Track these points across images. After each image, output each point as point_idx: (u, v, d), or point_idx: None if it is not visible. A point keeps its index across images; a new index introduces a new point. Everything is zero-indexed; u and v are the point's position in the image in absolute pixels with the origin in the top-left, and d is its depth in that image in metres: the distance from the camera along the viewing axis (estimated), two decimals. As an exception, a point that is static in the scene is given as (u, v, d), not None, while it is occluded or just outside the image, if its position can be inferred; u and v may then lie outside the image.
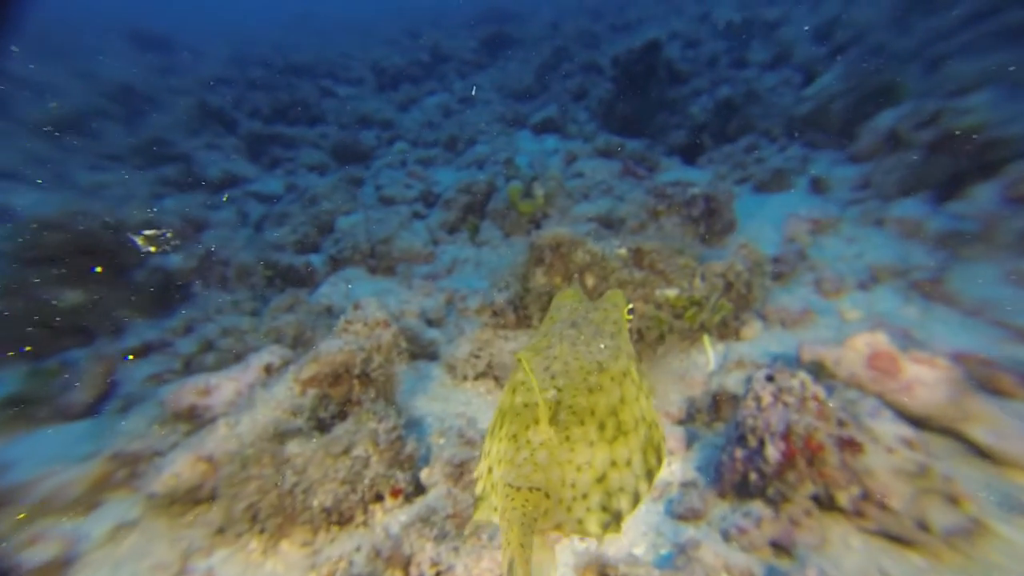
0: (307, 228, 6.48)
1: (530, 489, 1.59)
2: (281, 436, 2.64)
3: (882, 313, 4.38)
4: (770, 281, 5.03)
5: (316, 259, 6.15)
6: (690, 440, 3.73)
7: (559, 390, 1.80)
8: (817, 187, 6.53)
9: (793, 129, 8.19)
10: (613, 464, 1.79)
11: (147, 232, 5.22)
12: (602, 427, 1.80)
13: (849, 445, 3.00)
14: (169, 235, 5.29)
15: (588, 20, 20.71)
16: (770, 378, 3.21)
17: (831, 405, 3.11)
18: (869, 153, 6.25)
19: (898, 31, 8.50)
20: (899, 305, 4.43)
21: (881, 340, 3.49)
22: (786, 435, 3.03)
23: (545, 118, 11.78)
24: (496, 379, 4.24)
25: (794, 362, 3.83)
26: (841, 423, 3.08)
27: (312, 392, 3.09)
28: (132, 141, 10.31)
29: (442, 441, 3.45)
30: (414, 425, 3.70)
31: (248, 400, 2.80)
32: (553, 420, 1.72)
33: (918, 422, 3.36)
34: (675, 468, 3.52)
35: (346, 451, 2.80)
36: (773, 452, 3.04)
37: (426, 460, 3.26)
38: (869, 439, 3.01)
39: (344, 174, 9.25)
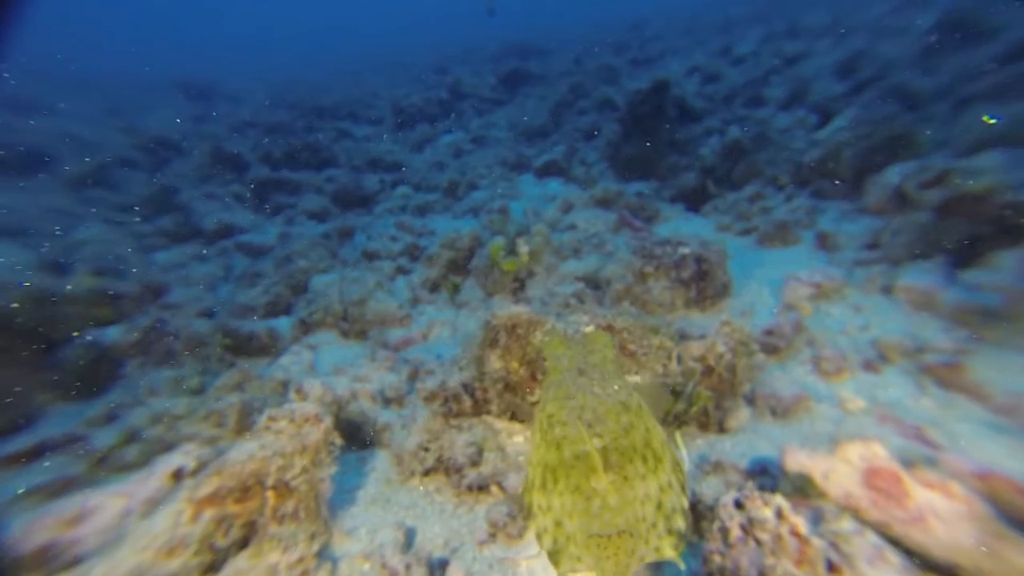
0: (280, 288, 6.28)
1: (619, 534, 1.71)
2: (143, 588, 2.26)
3: (891, 403, 3.80)
4: (764, 356, 4.51)
5: (285, 323, 5.91)
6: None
7: (600, 436, 1.92)
8: (824, 243, 5.98)
9: (801, 177, 7.64)
10: (662, 489, 1.92)
11: None
12: (644, 459, 1.94)
13: (840, 602, 2.44)
14: None
15: (610, 54, 20.58)
16: (739, 504, 2.70)
17: (816, 543, 2.56)
18: (878, 209, 5.70)
19: (922, 69, 7.93)
20: (911, 393, 3.84)
21: (879, 454, 2.93)
22: (757, 584, 2.51)
23: (548, 161, 11.49)
24: (447, 474, 3.83)
25: (779, 470, 3.29)
26: (832, 567, 2.53)
27: (208, 515, 2.73)
28: (144, 191, 10.47)
29: (367, 567, 3.04)
30: (339, 543, 3.30)
31: (118, 534, 2.43)
32: (607, 465, 1.84)
33: (939, 569, 2.71)
34: (635, 602, 3.00)
35: (227, 598, 2.42)
36: (742, 605, 2.51)
37: (340, 593, 2.86)
38: (866, 596, 2.44)
39: (340, 223, 9.11)
